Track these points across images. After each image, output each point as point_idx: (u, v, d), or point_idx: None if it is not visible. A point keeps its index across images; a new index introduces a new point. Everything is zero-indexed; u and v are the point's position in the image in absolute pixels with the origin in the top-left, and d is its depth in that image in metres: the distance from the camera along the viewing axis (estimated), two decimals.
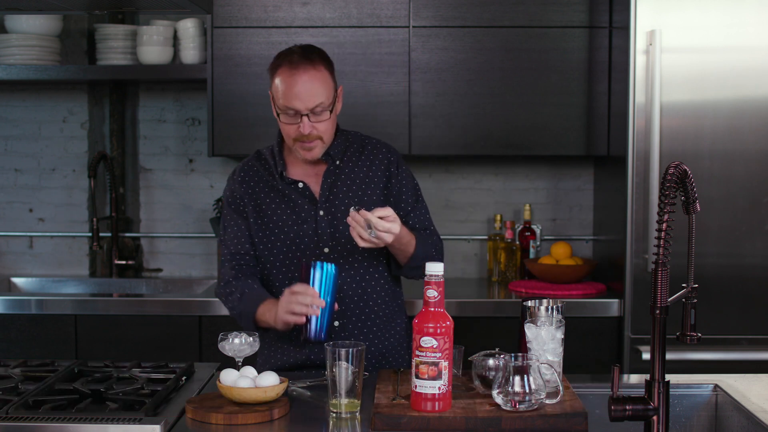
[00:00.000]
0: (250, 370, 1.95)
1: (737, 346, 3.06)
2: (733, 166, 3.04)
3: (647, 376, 1.66)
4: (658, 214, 1.61)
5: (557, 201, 3.81)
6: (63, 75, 3.54)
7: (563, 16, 3.37)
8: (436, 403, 1.79)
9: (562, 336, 1.95)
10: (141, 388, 2.01)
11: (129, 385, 2.04)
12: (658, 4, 3.01)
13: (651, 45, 2.99)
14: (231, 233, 2.37)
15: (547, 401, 1.83)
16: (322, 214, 2.31)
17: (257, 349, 2.07)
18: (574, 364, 2.36)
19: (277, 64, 2.27)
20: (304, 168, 2.36)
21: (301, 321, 2.11)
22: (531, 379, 1.78)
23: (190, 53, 3.57)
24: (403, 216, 2.35)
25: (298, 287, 2.11)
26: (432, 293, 1.80)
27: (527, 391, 1.78)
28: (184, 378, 2.12)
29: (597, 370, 3.10)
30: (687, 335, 1.75)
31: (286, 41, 3.31)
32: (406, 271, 2.35)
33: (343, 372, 1.83)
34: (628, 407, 1.64)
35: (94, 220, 3.68)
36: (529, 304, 2.00)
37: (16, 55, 3.55)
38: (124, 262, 3.83)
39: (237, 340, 2.04)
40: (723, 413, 2.05)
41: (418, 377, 1.79)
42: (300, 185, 2.33)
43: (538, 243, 3.72)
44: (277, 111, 2.26)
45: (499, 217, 3.71)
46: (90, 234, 3.79)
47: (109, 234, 3.82)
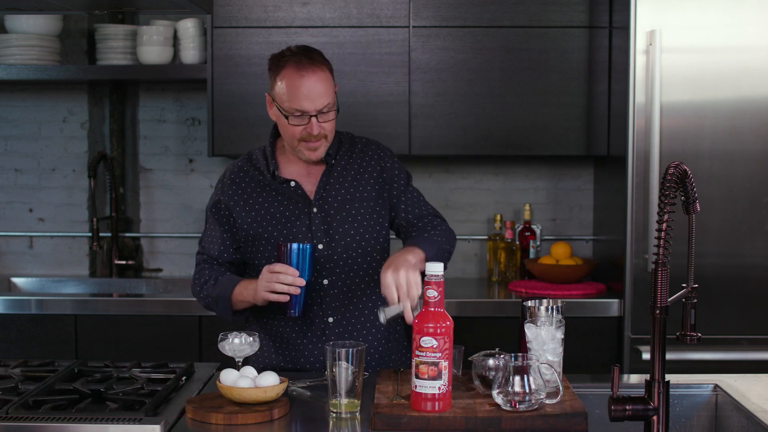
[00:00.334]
0: (250, 370, 1.95)
1: (737, 346, 3.06)
2: (733, 166, 3.04)
3: (647, 376, 1.66)
4: (658, 214, 1.61)
5: (557, 201, 3.81)
6: (63, 75, 3.54)
7: (563, 16, 3.37)
8: (436, 403, 1.79)
9: (562, 336, 1.95)
10: (141, 388, 2.01)
11: (129, 385, 2.05)
12: (658, 4, 3.01)
13: (651, 45, 2.99)
14: (207, 238, 2.41)
15: (547, 401, 1.83)
16: (316, 211, 2.32)
17: (257, 349, 2.07)
18: (574, 364, 2.35)
19: (281, 65, 2.26)
20: (298, 167, 2.37)
21: (284, 299, 2.16)
22: (531, 379, 1.78)
23: (190, 53, 3.57)
24: (396, 197, 2.38)
25: (278, 267, 2.15)
26: (432, 293, 1.80)
27: (527, 391, 1.78)
28: (184, 378, 2.12)
29: (597, 370, 3.10)
30: (687, 335, 1.75)
31: (286, 41, 3.31)
32: None
33: (343, 372, 1.83)
34: (628, 407, 1.64)
35: (94, 220, 3.68)
36: (529, 304, 2.00)
37: (16, 55, 3.55)
38: (124, 262, 3.83)
39: (237, 340, 2.04)
40: (723, 413, 2.05)
41: (418, 377, 1.79)
42: (292, 184, 2.34)
43: (538, 243, 3.72)
44: (283, 113, 2.26)
45: (499, 217, 3.71)
46: (90, 234, 3.79)
47: (109, 234, 3.82)
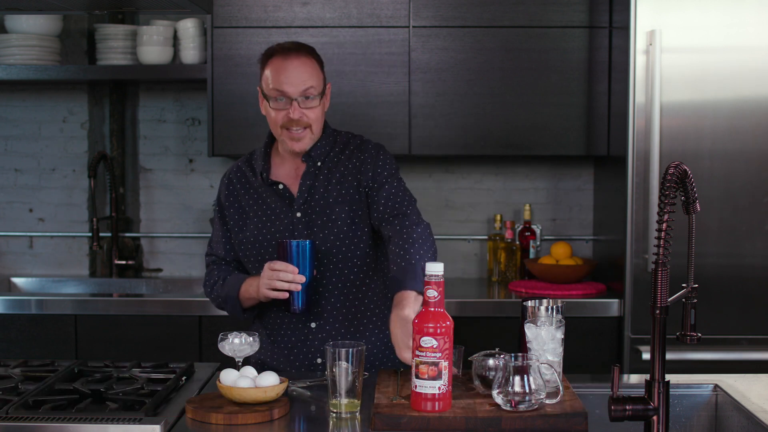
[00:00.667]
0: (250, 370, 1.95)
1: (737, 346, 3.06)
2: (733, 166, 3.04)
3: (647, 376, 1.66)
4: (658, 214, 1.61)
5: (557, 201, 3.81)
6: (63, 75, 3.54)
7: (563, 16, 3.37)
8: (436, 403, 1.79)
9: (562, 336, 1.95)
10: (141, 388, 2.01)
11: (129, 385, 2.05)
12: (658, 4, 3.01)
13: (651, 45, 2.99)
14: (214, 238, 2.46)
15: (547, 401, 1.83)
16: (299, 215, 2.31)
17: (257, 349, 2.07)
18: (574, 364, 2.36)
19: (269, 54, 2.31)
20: (288, 169, 2.36)
21: (284, 296, 2.18)
22: (531, 379, 1.78)
23: (190, 53, 3.57)
24: (376, 190, 2.29)
25: (278, 264, 2.17)
26: (432, 293, 1.80)
27: (527, 391, 1.78)
28: (184, 378, 2.12)
29: (597, 370, 3.10)
30: (687, 335, 1.75)
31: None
32: None
33: (343, 372, 1.83)
34: (628, 407, 1.64)
35: (94, 220, 3.68)
36: (529, 304, 2.00)
37: (16, 55, 3.55)
38: (124, 262, 3.83)
39: (237, 340, 2.04)
40: (723, 413, 2.05)
41: (418, 377, 1.79)
42: (280, 186, 2.34)
43: (538, 243, 3.72)
44: (267, 99, 2.27)
45: (499, 217, 3.71)
46: (90, 234, 3.79)
47: (109, 234, 3.82)
